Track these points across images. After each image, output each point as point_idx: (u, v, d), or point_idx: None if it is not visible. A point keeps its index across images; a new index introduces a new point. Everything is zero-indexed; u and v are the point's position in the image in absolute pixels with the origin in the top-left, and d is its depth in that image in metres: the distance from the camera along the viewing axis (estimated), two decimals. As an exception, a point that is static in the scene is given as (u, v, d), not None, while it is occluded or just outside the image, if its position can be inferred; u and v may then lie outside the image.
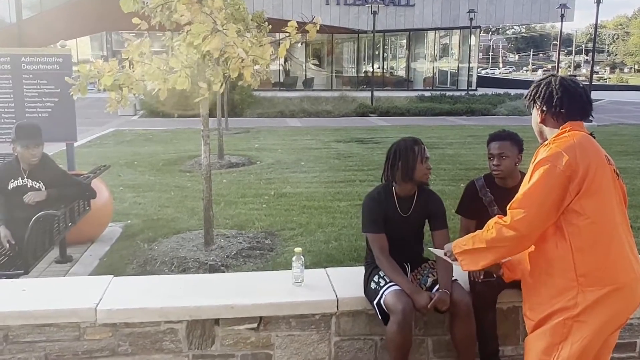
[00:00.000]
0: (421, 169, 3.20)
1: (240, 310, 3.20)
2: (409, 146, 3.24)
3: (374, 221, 3.26)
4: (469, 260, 2.50)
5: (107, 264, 5.31)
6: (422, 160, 3.20)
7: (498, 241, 2.35)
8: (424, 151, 3.22)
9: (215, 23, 4.38)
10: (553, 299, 2.32)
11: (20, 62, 6.76)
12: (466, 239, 2.53)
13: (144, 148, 13.29)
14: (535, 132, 2.54)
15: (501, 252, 2.41)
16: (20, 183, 4.49)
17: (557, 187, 2.25)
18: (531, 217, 2.27)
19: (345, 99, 25.00)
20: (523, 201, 2.30)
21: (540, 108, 2.43)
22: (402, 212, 3.27)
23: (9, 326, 3.08)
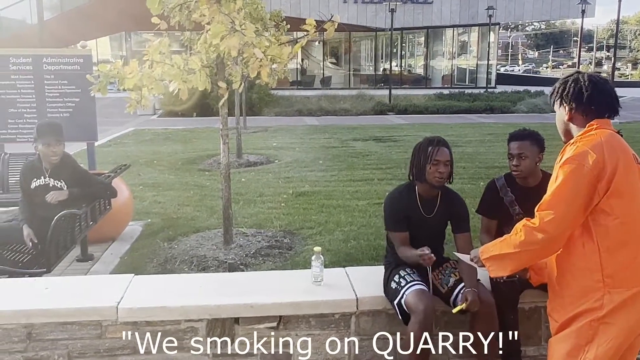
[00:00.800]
0: (430, 171, 3.14)
1: (260, 309, 3.21)
2: (423, 147, 3.21)
3: (397, 220, 3.25)
4: (497, 265, 2.45)
5: (128, 262, 5.35)
6: (431, 162, 3.13)
7: (527, 244, 2.30)
8: (436, 153, 3.13)
9: (233, 23, 4.39)
10: (578, 300, 2.28)
11: (42, 62, 6.86)
12: (493, 244, 2.48)
13: (163, 147, 13.39)
14: (559, 130, 2.47)
15: (531, 256, 2.36)
16: (42, 182, 4.54)
17: (585, 187, 2.20)
18: (560, 217, 2.22)
19: (363, 97, 24.92)
20: (551, 202, 2.25)
21: (569, 105, 2.36)
22: (425, 212, 3.25)
23: (33, 324, 3.12)
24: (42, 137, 4.45)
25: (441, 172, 3.14)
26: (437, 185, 3.18)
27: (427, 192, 3.25)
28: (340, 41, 37.52)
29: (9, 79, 6.81)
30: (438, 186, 3.19)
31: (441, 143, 3.19)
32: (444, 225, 3.34)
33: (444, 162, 3.14)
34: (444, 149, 3.16)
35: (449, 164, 3.17)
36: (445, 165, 3.15)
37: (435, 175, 3.14)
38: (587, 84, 2.33)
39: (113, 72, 4.98)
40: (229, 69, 5.66)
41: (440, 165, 3.13)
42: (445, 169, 3.16)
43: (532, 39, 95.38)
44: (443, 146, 3.17)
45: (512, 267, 2.42)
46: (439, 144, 3.18)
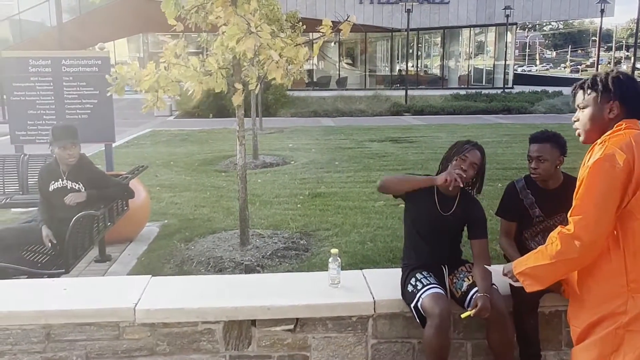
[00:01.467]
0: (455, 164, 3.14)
1: (277, 311, 3.20)
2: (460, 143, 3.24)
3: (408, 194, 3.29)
4: (533, 279, 2.36)
5: (145, 263, 5.37)
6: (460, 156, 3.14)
7: (564, 254, 2.20)
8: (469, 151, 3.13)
9: (249, 25, 4.39)
10: (600, 306, 2.22)
11: (61, 64, 6.92)
12: (527, 258, 2.39)
13: (179, 148, 13.46)
14: (585, 128, 2.35)
15: (569, 265, 2.25)
16: (60, 185, 4.57)
17: (617, 187, 2.13)
18: (595, 221, 2.14)
19: (379, 98, 24.86)
20: (584, 206, 2.17)
21: (609, 103, 2.27)
22: (442, 210, 3.22)
23: (51, 325, 3.14)
24: (58, 139, 4.49)
25: (464, 170, 3.10)
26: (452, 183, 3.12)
27: (445, 190, 3.22)
28: (356, 42, 37.48)
29: (28, 81, 6.88)
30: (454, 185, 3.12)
31: (477, 146, 3.20)
32: (460, 228, 3.30)
33: (471, 162, 3.12)
34: (477, 152, 3.16)
35: (475, 167, 3.14)
36: (471, 167, 3.13)
37: (457, 170, 3.10)
38: (629, 82, 2.26)
39: (130, 73, 5.01)
40: (245, 70, 5.67)
41: (466, 164, 3.11)
42: (470, 169, 3.12)
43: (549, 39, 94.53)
44: (478, 150, 3.18)
45: (549, 279, 2.33)
46: (475, 146, 3.19)
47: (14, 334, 3.13)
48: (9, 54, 7.26)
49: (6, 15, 28.52)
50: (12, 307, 3.16)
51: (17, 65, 6.88)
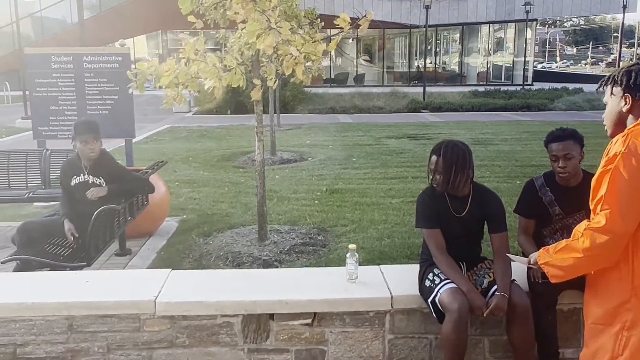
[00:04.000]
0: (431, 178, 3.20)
1: (295, 305, 3.22)
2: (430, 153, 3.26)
3: (427, 216, 3.22)
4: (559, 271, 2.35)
5: (164, 257, 5.44)
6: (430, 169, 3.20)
7: (592, 249, 2.17)
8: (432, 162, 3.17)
9: (269, 21, 4.41)
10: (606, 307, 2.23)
11: (82, 61, 7.02)
12: (554, 249, 2.37)
13: (198, 144, 13.56)
14: (609, 121, 2.33)
15: (597, 261, 2.22)
16: (82, 179, 4.64)
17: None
18: (623, 214, 2.11)
19: (397, 95, 24.78)
20: (610, 200, 2.13)
21: (633, 96, 2.23)
22: (455, 212, 3.20)
23: (74, 316, 3.20)
24: (80, 134, 4.56)
25: (437, 178, 3.15)
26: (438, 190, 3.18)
27: (455, 191, 3.21)
28: (373, 38, 37.37)
29: (50, 77, 6.98)
30: (440, 191, 3.18)
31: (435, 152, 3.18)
32: (478, 226, 3.29)
33: (434, 168, 3.16)
34: (434, 156, 3.17)
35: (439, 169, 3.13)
36: (436, 171, 3.15)
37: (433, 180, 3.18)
38: None
39: (150, 69, 5.07)
40: (264, 67, 5.70)
41: (432, 171, 3.18)
42: (440, 175, 3.13)
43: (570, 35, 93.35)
44: (434, 154, 3.18)
45: (576, 273, 2.33)
46: (435, 153, 3.19)
47: (37, 324, 3.20)
48: (32, 50, 7.38)
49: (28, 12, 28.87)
50: (36, 299, 3.23)
51: (39, 61, 6.99)
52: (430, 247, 3.20)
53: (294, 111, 21.04)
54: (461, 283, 3.03)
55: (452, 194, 3.21)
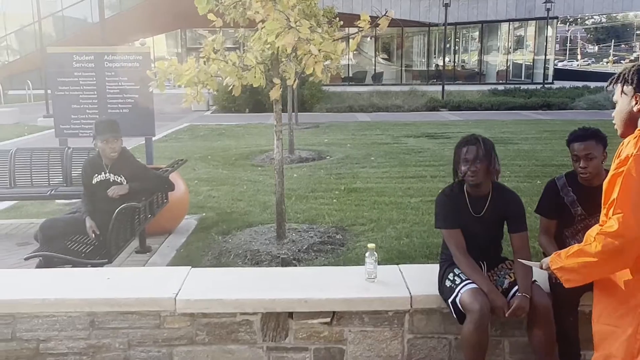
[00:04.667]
0: (463, 170, 3.10)
1: (314, 304, 3.23)
2: (456, 146, 3.19)
3: (446, 217, 3.20)
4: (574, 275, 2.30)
5: (184, 255, 5.47)
6: (462, 161, 3.10)
7: (605, 253, 2.14)
8: (465, 152, 3.09)
9: (288, 20, 4.42)
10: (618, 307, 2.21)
11: (103, 60, 7.08)
12: (566, 254, 2.32)
13: (217, 142, 13.63)
14: (619, 121, 2.28)
15: (615, 263, 2.17)
16: (103, 177, 4.70)
17: None
18: (636, 218, 2.07)
19: (415, 93, 24.69)
20: (623, 203, 2.09)
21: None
22: (474, 212, 3.18)
23: (95, 312, 3.24)
24: (101, 134, 4.61)
25: (471, 170, 3.07)
26: (471, 183, 3.13)
27: (475, 191, 3.19)
28: (392, 37, 37.22)
29: (72, 76, 7.06)
30: (474, 184, 3.13)
31: (470, 142, 3.12)
32: (498, 225, 3.26)
33: (471, 159, 3.07)
34: (472, 147, 3.10)
35: (478, 161, 3.07)
36: (473, 163, 3.07)
37: (466, 174, 3.09)
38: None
39: (170, 68, 5.10)
40: (283, 66, 5.71)
41: (469, 163, 3.07)
42: (472, 165, 3.07)
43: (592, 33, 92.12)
44: (472, 144, 3.11)
45: (591, 277, 2.30)
46: (468, 143, 3.13)
47: (60, 320, 3.24)
48: (54, 50, 7.46)
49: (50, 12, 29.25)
50: (59, 295, 3.27)
51: (61, 61, 7.07)
52: (450, 247, 3.18)
53: (312, 110, 21.06)
54: (482, 283, 3.00)
55: (473, 193, 3.19)
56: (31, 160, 6.66)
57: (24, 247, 5.46)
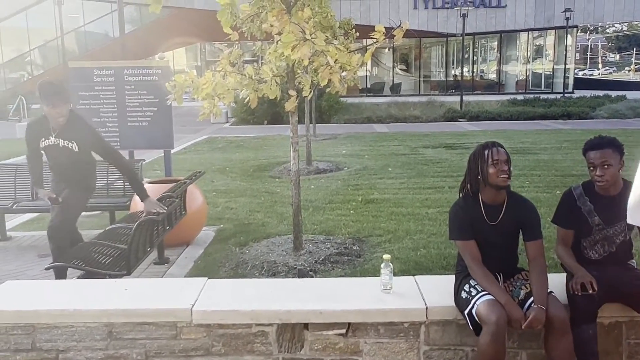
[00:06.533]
0: (493, 172, 3.08)
1: (329, 315, 3.23)
2: (479, 151, 3.18)
3: (460, 227, 3.20)
4: None
5: (202, 266, 5.51)
6: (492, 163, 3.08)
7: None
8: (496, 153, 3.10)
9: (303, 32, 4.46)
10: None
11: (123, 74, 7.20)
12: None
13: (235, 154, 13.72)
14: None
15: None
16: (52, 142, 4.48)
17: None
18: None
19: (434, 104, 24.62)
20: None
21: None
22: (489, 220, 3.17)
23: (113, 323, 3.28)
24: (45, 98, 4.35)
25: (503, 171, 3.08)
26: (502, 185, 3.10)
27: (491, 199, 3.18)
28: (410, 47, 37.25)
29: (93, 90, 7.19)
30: (504, 186, 3.11)
31: (496, 144, 3.18)
32: (514, 234, 3.24)
33: (503, 160, 3.10)
34: (501, 149, 3.15)
35: (507, 164, 3.11)
36: (505, 164, 3.10)
37: (499, 176, 3.08)
38: None
39: (187, 82, 5.18)
40: (299, 78, 5.76)
41: (503, 165, 3.09)
42: (506, 167, 3.10)
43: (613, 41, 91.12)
44: (499, 146, 3.16)
45: None
46: (492, 145, 3.17)
47: (78, 331, 3.29)
48: (76, 64, 7.60)
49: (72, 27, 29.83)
50: (78, 306, 3.32)
51: (83, 75, 7.21)
52: (465, 258, 3.17)
53: (330, 121, 21.12)
54: (499, 295, 2.99)
55: (488, 202, 3.18)
56: (53, 173, 6.77)
57: (44, 259, 5.55)
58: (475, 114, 21.97)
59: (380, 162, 11.81)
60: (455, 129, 18.70)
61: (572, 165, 10.74)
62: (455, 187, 8.80)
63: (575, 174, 9.70)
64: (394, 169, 11.01)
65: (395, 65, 37.38)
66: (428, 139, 15.80)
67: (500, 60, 37.24)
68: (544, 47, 37.54)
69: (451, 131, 18.01)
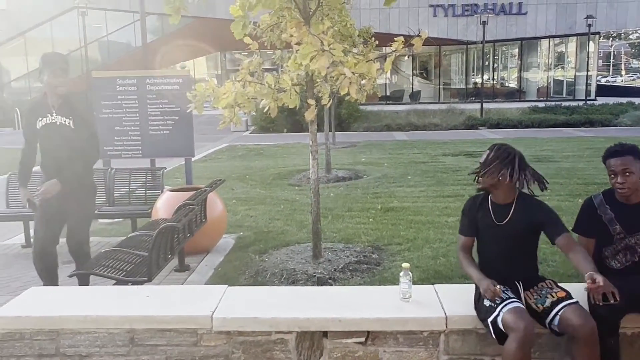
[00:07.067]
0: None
1: (348, 323, 3.24)
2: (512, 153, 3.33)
3: (462, 223, 3.44)
4: None
5: (221, 273, 5.55)
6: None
7: None
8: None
9: (322, 43, 4.50)
10: None
11: (145, 83, 7.31)
12: None
13: (255, 162, 13.80)
14: None
15: None
16: (50, 120, 4.35)
17: None
18: None
19: (453, 112, 24.54)
20: None
21: None
22: (497, 219, 3.23)
23: (135, 329, 3.32)
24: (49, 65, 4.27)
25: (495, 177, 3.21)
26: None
27: (499, 199, 3.26)
28: (429, 55, 37.16)
29: (115, 99, 7.30)
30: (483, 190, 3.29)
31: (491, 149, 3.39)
32: (525, 236, 3.22)
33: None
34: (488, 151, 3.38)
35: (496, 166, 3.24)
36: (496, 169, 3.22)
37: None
38: None
39: (208, 91, 5.24)
40: (318, 87, 5.79)
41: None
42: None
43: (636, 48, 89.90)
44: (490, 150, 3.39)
45: None
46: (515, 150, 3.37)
47: (101, 337, 3.34)
48: (99, 74, 7.73)
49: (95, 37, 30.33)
50: (100, 312, 3.37)
51: (106, 84, 7.33)
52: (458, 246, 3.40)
53: (350, 129, 21.15)
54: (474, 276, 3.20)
55: (496, 201, 3.27)
56: (76, 180, 6.88)
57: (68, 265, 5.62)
58: (496, 121, 21.84)
59: (400, 170, 11.79)
60: (475, 137, 18.60)
61: (595, 174, 10.62)
62: (475, 196, 8.78)
63: (598, 182, 9.58)
64: (413, 177, 10.98)
65: (415, 72, 37.31)
66: (448, 147, 15.74)
67: (521, 68, 36.95)
68: (566, 53, 37.18)
69: (471, 139, 17.92)
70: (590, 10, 30.59)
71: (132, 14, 28.97)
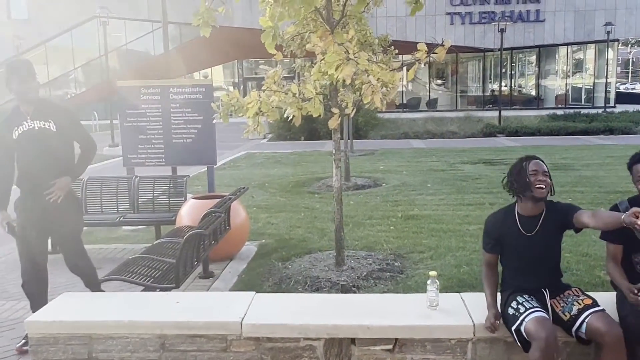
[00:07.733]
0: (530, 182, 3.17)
1: (376, 331, 3.27)
2: (517, 164, 3.31)
3: (485, 240, 3.42)
4: None
5: (245, 280, 5.60)
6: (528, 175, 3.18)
7: None
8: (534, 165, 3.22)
9: (347, 52, 4.55)
10: None
11: (169, 92, 7.41)
12: None
13: (273, 170, 13.88)
14: None
15: None
16: (26, 127, 4.07)
17: None
18: None
19: (471, 119, 24.48)
20: None
21: None
22: (525, 231, 3.23)
23: (166, 335, 3.38)
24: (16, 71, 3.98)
25: (541, 181, 3.16)
26: (540, 196, 3.17)
27: (527, 211, 3.25)
28: (447, 62, 37.11)
29: (139, 108, 7.41)
30: (540, 197, 3.18)
31: (534, 157, 3.29)
32: (553, 246, 3.26)
33: (542, 171, 3.19)
34: (538, 161, 3.26)
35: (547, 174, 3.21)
36: (544, 175, 3.18)
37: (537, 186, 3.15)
38: None
39: (233, 100, 5.31)
40: (342, 95, 5.84)
41: (541, 176, 3.18)
42: (545, 177, 3.18)
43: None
44: (537, 159, 3.28)
45: None
46: (531, 158, 3.29)
47: (132, 342, 3.40)
48: (124, 83, 7.85)
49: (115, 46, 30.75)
50: (132, 317, 3.43)
51: (130, 93, 7.44)
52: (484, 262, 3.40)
53: (367, 137, 21.18)
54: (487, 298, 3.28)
55: (524, 213, 3.26)
56: (101, 188, 7.01)
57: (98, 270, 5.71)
58: (514, 129, 21.73)
59: (419, 178, 11.79)
60: (493, 145, 18.53)
61: (617, 182, 10.53)
62: (496, 204, 8.78)
63: (620, 191, 9.50)
64: (432, 184, 10.97)
65: (432, 80, 37.29)
66: (466, 155, 15.70)
67: (539, 75, 36.78)
68: (584, 61, 36.93)
69: (490, 147, 17.86)
70: (609, 17, 30.40)
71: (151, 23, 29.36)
